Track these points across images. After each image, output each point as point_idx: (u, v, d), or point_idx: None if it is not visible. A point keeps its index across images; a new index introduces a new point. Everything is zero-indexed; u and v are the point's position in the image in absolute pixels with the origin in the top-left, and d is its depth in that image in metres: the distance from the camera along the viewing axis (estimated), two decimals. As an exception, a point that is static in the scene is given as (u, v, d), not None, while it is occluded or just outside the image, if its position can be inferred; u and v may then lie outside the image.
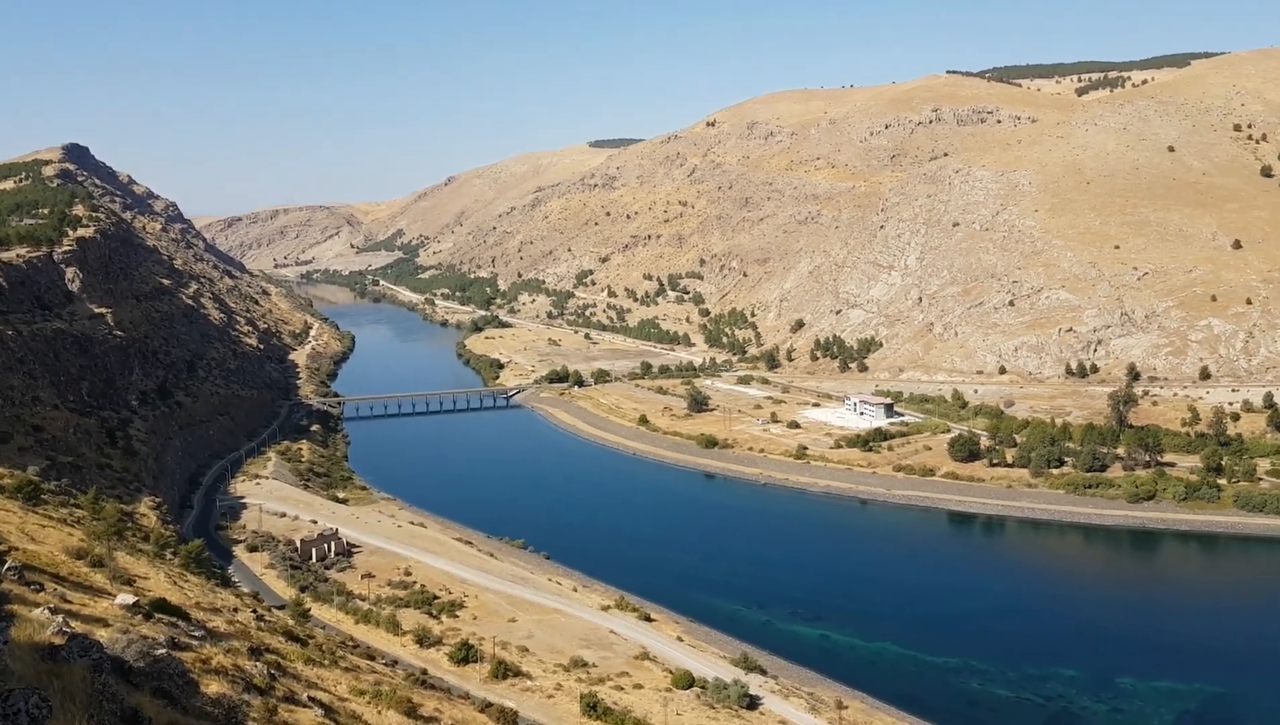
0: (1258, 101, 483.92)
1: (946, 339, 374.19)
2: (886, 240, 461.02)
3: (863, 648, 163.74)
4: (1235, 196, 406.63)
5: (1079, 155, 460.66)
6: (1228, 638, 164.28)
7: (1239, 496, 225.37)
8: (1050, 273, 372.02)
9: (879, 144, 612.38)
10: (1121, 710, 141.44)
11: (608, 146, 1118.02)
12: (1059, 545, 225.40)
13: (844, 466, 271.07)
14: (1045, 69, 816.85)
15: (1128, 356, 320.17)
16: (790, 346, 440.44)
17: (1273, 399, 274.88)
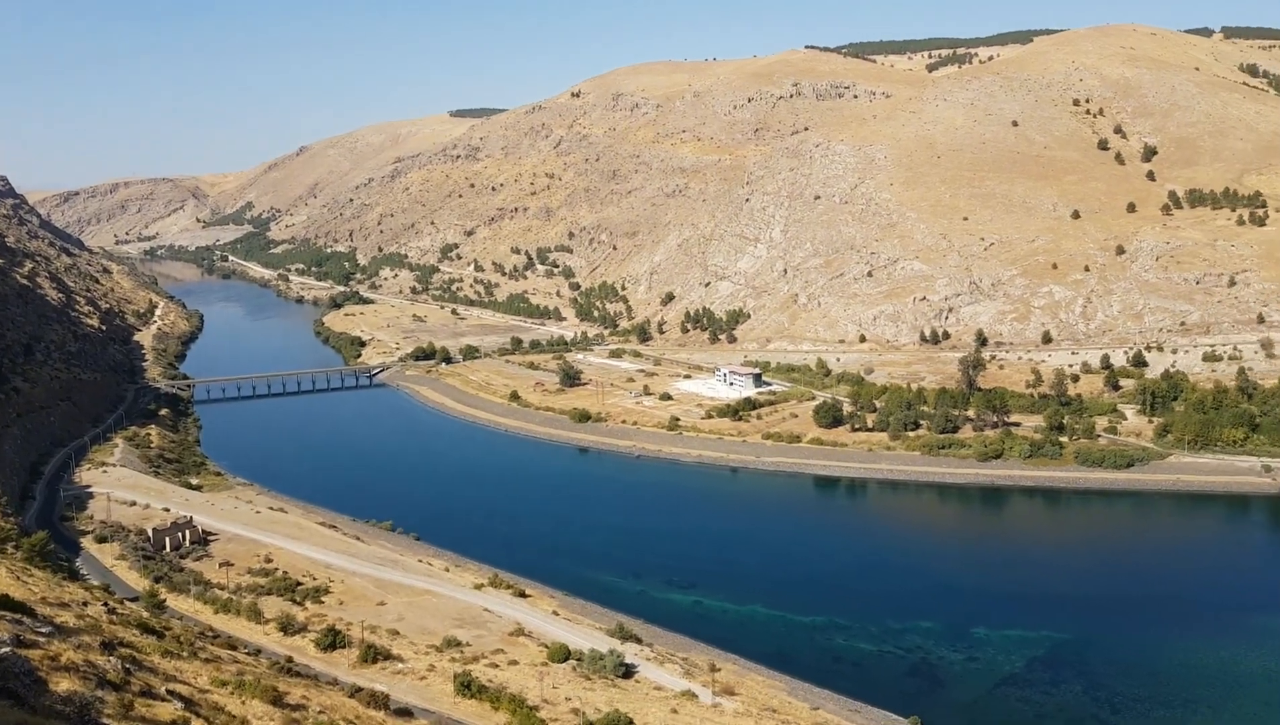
0: (1095, 77, 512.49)
1: (810, 309, 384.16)
2: (752, 213, 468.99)
3: (735, 611, 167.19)
4: (1074, 169, 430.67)
5: (930, 130, 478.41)
6: (1071, 586, 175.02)
7: (1079, 453, 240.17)
8: (905, 244, 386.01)
9: (742, 117, 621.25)
10: (976, 659, 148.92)
11: (470, 116, 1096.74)
12: (916, 504, 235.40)
13: (715, 436, 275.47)
14: (898, 45, 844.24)
15: (976, 323, 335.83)
16: (661, 319, 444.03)
17: (1109, 361, 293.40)
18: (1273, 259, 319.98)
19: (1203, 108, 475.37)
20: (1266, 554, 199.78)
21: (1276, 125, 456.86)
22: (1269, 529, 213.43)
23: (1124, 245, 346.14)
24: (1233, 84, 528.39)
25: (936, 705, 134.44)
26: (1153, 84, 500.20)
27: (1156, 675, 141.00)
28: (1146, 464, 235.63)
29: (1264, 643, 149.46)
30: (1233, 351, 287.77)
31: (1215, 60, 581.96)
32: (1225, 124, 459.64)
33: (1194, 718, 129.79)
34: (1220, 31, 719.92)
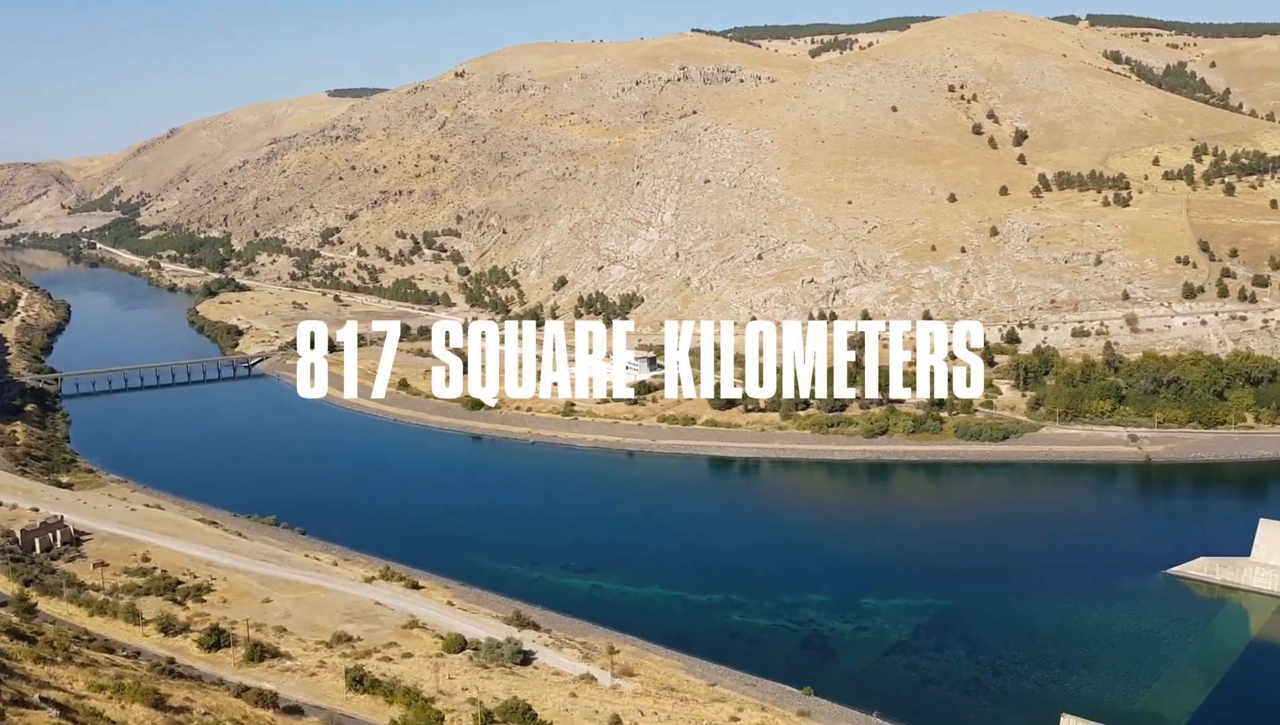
0: (969, 64, 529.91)
1: (703, 292, 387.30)
2: (643, 197, 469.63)
3: (633, 593, 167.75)
4: (951, 153, 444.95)
5: (814, 115, 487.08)
6: (954, 555, 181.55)
7: (959, 427, 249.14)
8: (793, 227, 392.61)
9: (631, 100, 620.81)
10: (865, 629, 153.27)
11: (349, 96, 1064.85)
12: (808, 481, 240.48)
13: (611, 420, 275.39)
14: (782, 30, 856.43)
15: (862, 304, 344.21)
16: (554, 304, 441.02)
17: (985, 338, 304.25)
18: (1136, 238, 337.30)
19: (1070, 93, 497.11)
20: (1133, 519, 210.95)
21: (1138, 109, 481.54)
22: (1135, 496, 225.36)
23: (998, 227, 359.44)
24: (1097, 70, 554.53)
25: (829, 675, 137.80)
26: (1023, 70, 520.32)
27: (1034, 638, 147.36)
28: (1021, 436, 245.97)
29: (1133, 603, 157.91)
30: (1100, 327, 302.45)
31: (1081, 47, 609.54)
32: (1091, 108, 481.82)
33: (1070, 677, 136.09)
34: (1085, 19, 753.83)
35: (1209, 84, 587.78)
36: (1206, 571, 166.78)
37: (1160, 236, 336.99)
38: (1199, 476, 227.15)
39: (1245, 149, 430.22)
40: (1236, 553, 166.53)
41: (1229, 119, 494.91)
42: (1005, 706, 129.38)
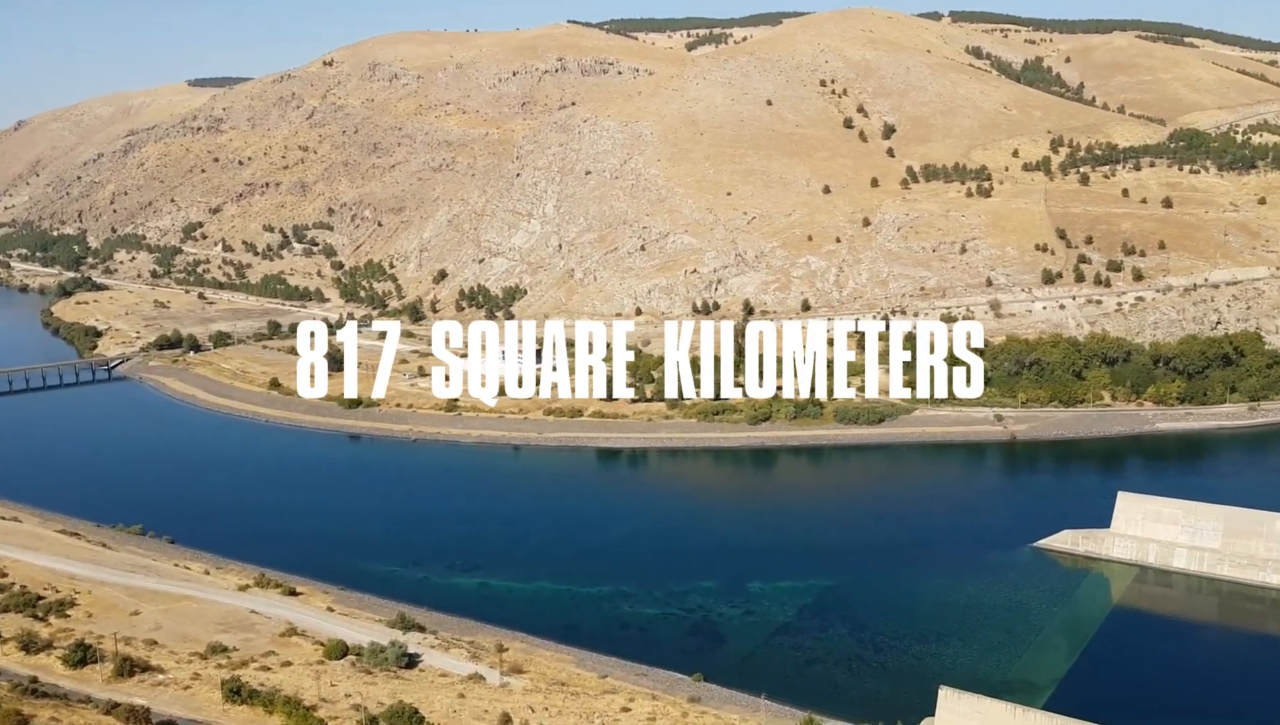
0: (839, 59, 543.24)
1: (587, 284, 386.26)
2: (524, 188, 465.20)
3: (521, 589, 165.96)
4: (824, 146, 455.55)
5: (692, 108, 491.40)
6: (835, 536, 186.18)
7: (838, 412, 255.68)
8: (675, 219, 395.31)
9: (509, 91, 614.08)
10: (753, 612, 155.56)
11: (211, 86, 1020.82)
12: (694, 469, 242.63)
13: (496, 415, 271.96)
14: (659, 23, 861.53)
15: (743, 293, 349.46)
16: (434, 298, 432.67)
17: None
18: (998, 227, 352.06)
19: (934, 88, 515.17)
20: (1001, 496, 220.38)
21: (998, 104, 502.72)
22: (1002, 473, 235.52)
23: (870, 217, 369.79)
24: (960, 65, 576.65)
25: (718, 660, 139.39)
26: (890, 65, 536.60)
27: (912, 613, 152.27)
28: (896, 418, 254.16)
29: (1003, 576, 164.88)
30: (966, 312, 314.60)
31: (944, 43, 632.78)
32: (954, 103, 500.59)
33: (946, 650, 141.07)
34: (948, 15, 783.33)
35: (1064, 78, 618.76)
36: (1070, 544, 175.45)
37: (1020, 225, 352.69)
38: (1061, 453, 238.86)
39: (1098, 141, 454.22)
40: (1097, 525, 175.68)
41: (1083, 112, 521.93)
42: (886, 681, 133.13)
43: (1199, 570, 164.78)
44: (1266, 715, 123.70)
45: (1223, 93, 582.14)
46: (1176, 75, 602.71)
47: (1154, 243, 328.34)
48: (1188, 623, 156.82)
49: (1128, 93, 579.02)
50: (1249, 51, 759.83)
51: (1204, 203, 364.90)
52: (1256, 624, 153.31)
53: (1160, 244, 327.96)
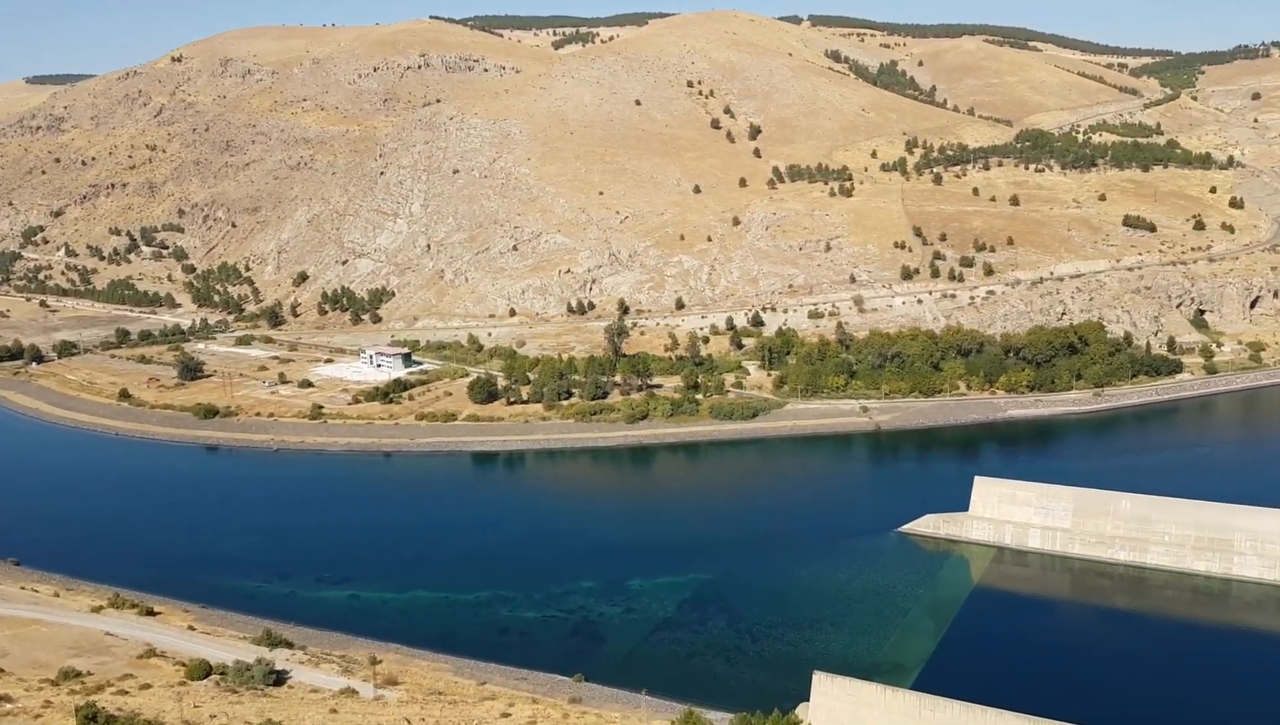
0: (705, 60, 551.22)
1: (458, 285, 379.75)
2: (388, 187, 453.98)
3: (395, 599, 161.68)
4: (693, 146, 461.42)
5: (561, 106, 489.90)
6: (712, 530, 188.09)
7: (713, 408, 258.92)
8: (547, 218, 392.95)
9: (369, 87, 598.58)
10: (633, 610, 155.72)
11: (51, 83, 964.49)
12: (573, 470, 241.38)
13: (365, 421, 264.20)
14: (524, 21, 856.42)
15: (618, 293, 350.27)
16: (295, 301, 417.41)
17: (733, 322, 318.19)
18: (860, 226, 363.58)
19: (797, 91, 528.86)
20: (868, 484, 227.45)
21: (857, 106, 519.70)
22: (868, 462, 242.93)
23: (739, 217, 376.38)
24: (820, 69, 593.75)
25: (599, 659, 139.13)
26: (754, 68, 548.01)
27: (787, 602, 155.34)
28: (769, 413, 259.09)
29: (871, 561, 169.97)
30: (832, 308, 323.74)
31: (804, 46, 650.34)
32: (816, 105, 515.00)
33: (820, 636, 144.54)
34: (808, 19, 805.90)
35: (918, 81, 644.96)
36: (933, 527, 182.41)
37: (880, 224, 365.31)
38: (922, 441, 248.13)
39: (950, 141, 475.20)
40: (957, 509, 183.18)
41: (936, 114, 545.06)
42: (763, 670, 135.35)
43: (1052, 549, 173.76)
44: (1115, 685, 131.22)
45: (1064, 94, 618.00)
46: (1022, 78, 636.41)
47: (1003, 239, 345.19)
48: (1043, 599, 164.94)
49: (977, 95, 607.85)
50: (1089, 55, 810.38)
51: (1049, 200, 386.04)
52: (1106, 599, 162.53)
53: (1009, 240, 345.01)
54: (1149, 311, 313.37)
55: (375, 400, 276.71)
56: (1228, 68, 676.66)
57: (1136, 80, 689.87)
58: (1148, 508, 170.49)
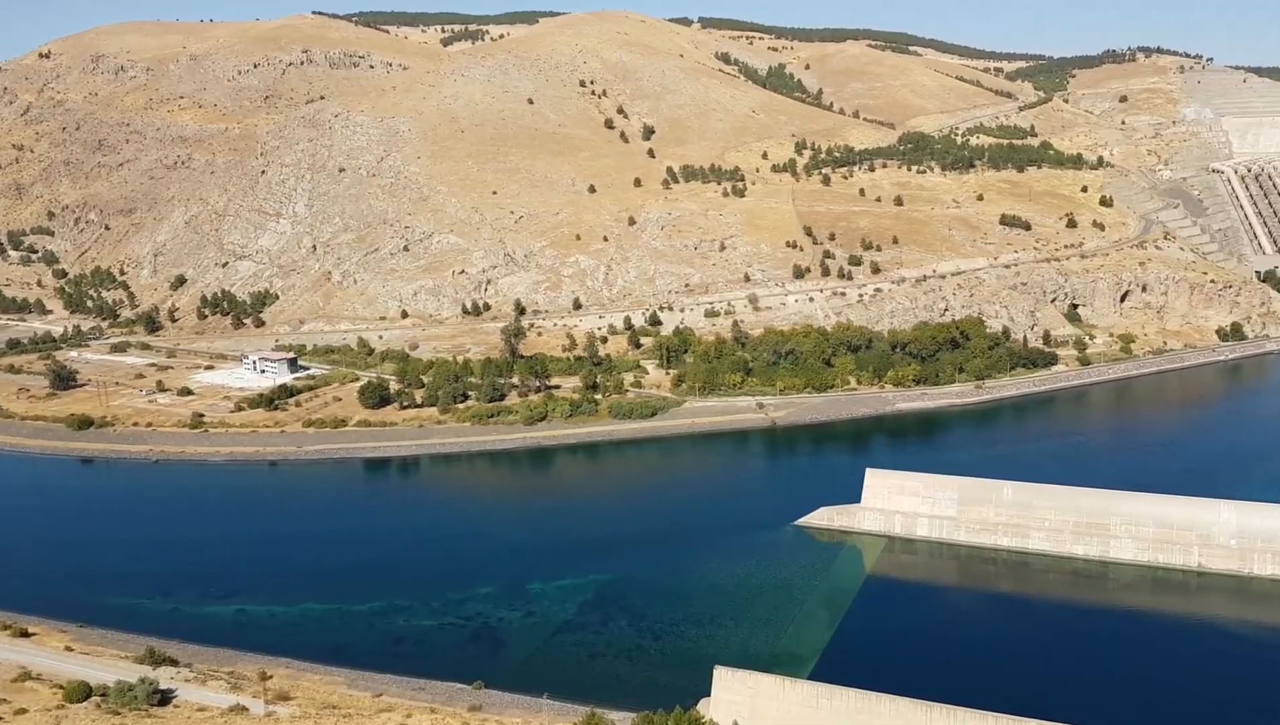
0: (597, 60, 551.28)
1: (346, 287, 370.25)
2: (270, 186, 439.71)
3: (284, 613, 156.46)
4: (587, 146, 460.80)
5: (452, 104, 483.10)
6: (613, 530, 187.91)
7: (612, 408, 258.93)
8: (439, 218, 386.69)
9: (250, 84, 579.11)
10: (533, 614, 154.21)
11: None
12: (470, 474, 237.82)
13: (249, 429, 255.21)
14: (410, 17, 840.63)
15: (514, 293, 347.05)
16: (173, 306, 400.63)
17: (630, 322, 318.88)
18: (752, 226, 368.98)
19: (689, 92, 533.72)
20: (765, 479, 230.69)
21: (747, 108, 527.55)
22: (765, 457, 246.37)
23: (635, 217, 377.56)
24: (711, 70, 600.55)
25: (499, 665, 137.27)
26: (646, 69, 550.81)
27: (687, 599, 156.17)
28: (667, 412, 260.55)
29: (769, 555, 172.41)
30: (728, 307, 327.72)
31: (695, 48, 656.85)
32: (707, 106, 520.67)
33: (720, 631, 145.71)
34: (698, 21, 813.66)
35: (805, 84, 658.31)
36: (827, 520, 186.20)
37: (772, 224, 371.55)
38: (816, 436, 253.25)
39: (837, 143, 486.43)
40: (850, 500, 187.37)
41: (823, 116, 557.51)
42: (664, 668, 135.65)
43: (939, 537, 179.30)
44: (1002, 667, 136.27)
45: (944, 98, 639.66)
46: (904, 82, 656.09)
47: (889, 238, 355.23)
48: (931, 586, 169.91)
49: (861, 98, 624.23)
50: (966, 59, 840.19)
51: (930, 200, 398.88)
52: (991, 584, 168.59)
53: (894, 239, 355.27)
54: (1026, 307, 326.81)
55: (260, 407, 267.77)
56: (1097, 71, 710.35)
57: (1011, 84, 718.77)
58: (1029, 495, 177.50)
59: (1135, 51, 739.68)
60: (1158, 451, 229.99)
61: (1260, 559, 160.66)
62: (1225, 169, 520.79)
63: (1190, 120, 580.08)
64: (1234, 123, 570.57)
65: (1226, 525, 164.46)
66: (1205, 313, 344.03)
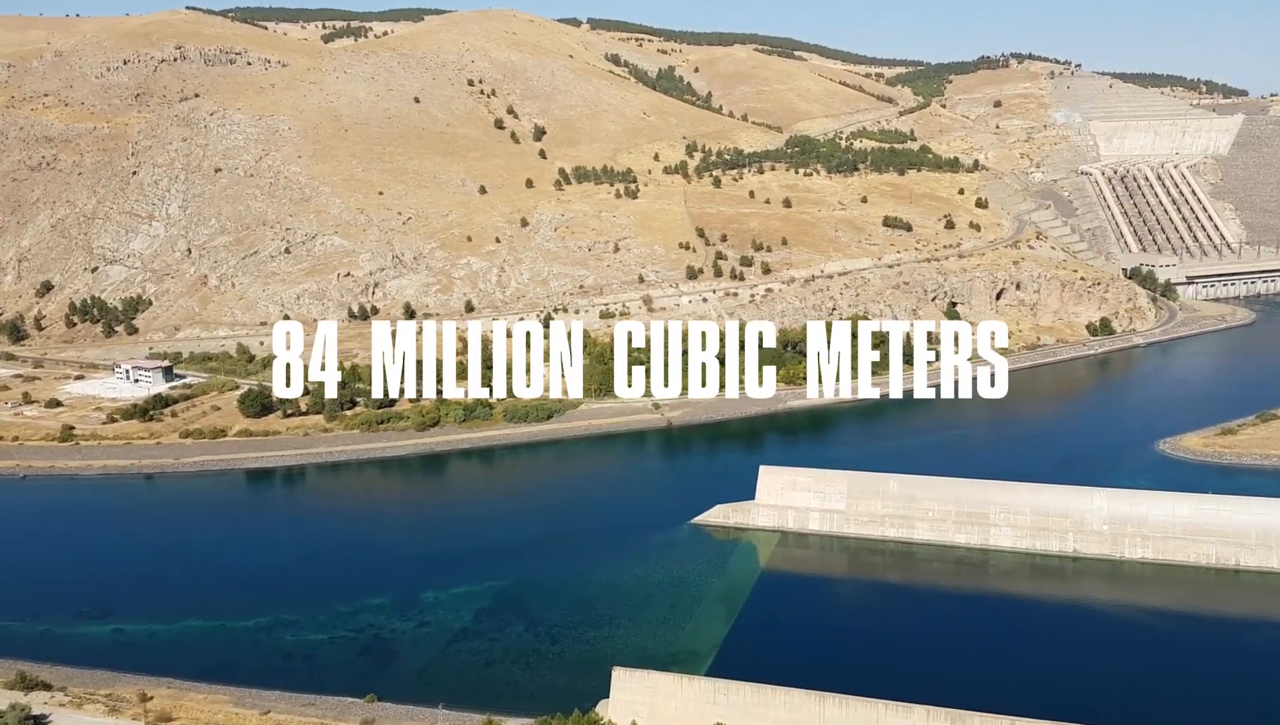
0: (485, 59, 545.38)
1: (224, 291, 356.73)
2: (143, 187, 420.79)
3: (164, 631, 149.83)
4: (477, 146, 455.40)
5: (334, 102, 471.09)
6: (509, 535, 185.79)
7: (507, 411, 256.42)
8: (322, 219, 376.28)
9: (120, 81, 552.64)
10: (427, 623, 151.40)
11: None
12: (359, 482, 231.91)
13: (123, 442, 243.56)
14: (290, 13, 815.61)
15: (403, 296, 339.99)
16: (39, 313, 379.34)
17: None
18: (646, 227, 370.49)
19: (579, 92, 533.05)
20: (661, 479, 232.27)
21: (639, 110, 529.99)
22: (661, 457, 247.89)
23: (527, 218, 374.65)
24: (601, 72, 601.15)
25: (392, 677, 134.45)
26: (536, 69, 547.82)
27: (585, 601, 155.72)
28: (563, 414, 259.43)
29: (666, 554, 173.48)
30: (623, 308, 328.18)
31: (585, 49, 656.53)
32: (599, 108, 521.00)
33: (618, 632, 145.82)
34: (587, 22, 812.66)
35: (695, 87, 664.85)
36: (722, 517, 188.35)
37: (665, 225, 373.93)
38: (711, 434, 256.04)
39: (727, 146, 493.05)
40: (745, 497, 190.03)
41: (713, 119, 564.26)
42: (563, 672, 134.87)
43: (830, 530, 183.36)
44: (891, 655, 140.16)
45: (828, 102, 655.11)
46: (790, 86, 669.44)
47: (778, 239, 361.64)
48: (823, 578, 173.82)
49: (749, 102, 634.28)
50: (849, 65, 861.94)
51: (817, 202, 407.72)
52: (880, 574, 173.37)
53: (784, 240, 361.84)
54: (908, 305, 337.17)
55: (134, 418, 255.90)
56: (972, 77, 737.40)
57: (892, 89, 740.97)
58: (913, 487, 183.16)
59: (1008, 58, 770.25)
60: (1034, 442, 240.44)
61: (1130, 543, 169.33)
62: (1093, 171, 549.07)
63: (1060, 124, 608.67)
64: (1101, 127, 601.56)
65: (1099, 512, 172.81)
66: (1076, 309, 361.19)
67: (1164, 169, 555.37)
